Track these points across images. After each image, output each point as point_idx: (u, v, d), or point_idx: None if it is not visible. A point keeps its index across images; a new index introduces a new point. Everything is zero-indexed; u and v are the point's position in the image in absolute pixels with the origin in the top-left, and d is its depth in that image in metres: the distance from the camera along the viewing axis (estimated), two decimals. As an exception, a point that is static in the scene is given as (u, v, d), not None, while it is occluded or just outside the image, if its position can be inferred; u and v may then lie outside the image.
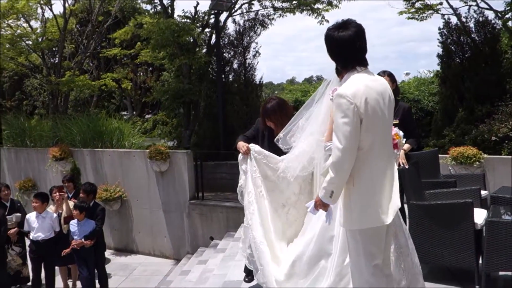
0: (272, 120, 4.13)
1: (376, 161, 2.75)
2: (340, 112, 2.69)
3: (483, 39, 10.69)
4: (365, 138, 2.70)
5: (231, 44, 12.48)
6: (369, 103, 2.68)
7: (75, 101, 19.71)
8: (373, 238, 2.82)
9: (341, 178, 2.72)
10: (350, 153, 2.67)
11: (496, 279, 4.30)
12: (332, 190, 2.74)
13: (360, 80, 2.75)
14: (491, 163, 7.32)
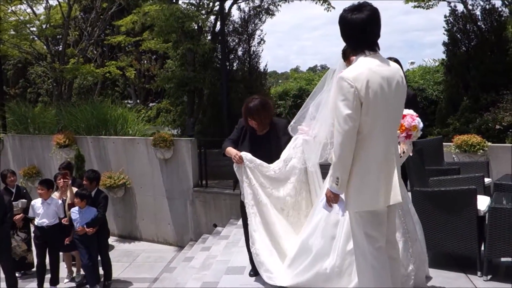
0: (256, 119, 4.07)
1: (374, 146, 2.75)
2: (340, 95, 2.71)
3: (489, 27, 10.59)
4: (365, 122, 2.70)
5: (236, 32, 12.41)
6: (371, 87, 2.67)
7: (79, 88, 19.72)
8: (372, 221, 2.84)
9: (343, 162, 2.73)
10: (351, 136, 2.68)
11: (498, 265, 4.31)
12: (337, 176, 2.76)
13: (365, 64, 2.75)
14: (494, 151, 7.30)
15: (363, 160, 2.75)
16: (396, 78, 2.80)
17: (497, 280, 3.96)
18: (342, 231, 3.48)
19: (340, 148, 2.71)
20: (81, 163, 9.48)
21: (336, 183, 2.77)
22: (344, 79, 2.69)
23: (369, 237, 2.84)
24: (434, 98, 12.21)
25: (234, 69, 12.37)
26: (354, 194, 2.79)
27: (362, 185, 2.77)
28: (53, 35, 14.12)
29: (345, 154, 2.71)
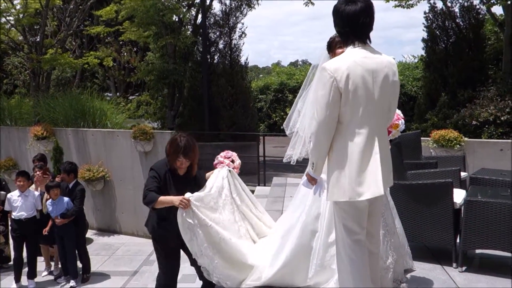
0: (190, 157, 3.78)
1: (353, 136, 2.74)
2: (320, 84, 2.78)
3: (467, 24, 10.77)
4: (344, 112, 2.72)
5: (217, 24, 12.36)
6: (351, 79, 2.68)
7: (57, 80, 19.39)
8: (351, 213, 2.84)
9: (318, 149, 2.82)
10: (326, 125, 2.73)
11: (473, 257, 4.42)
12: (313, 162, 2.87)
13: (350, 56, 2.75)
14: (471, 146, 7.45)
15: (342, 150, 2.77)
16: (384, 71, 2.77)
17: (471, 271, 4.06)
18: (324, 223, 3.48)
19: (316, 135, 2.79)
20: (59, 155, 9.33)
21: (312, 167, 2.89)
22: (324, 69, 2.73)
23: (348, 229, 2.86)
24: (413, 94, 12.41)
25: (215, 62, 12.32)
26: (333, 183, 2.81)
27: (340, 175, 2.77)
28: (31, 24, 13.81)
29: (320, 142, 2.78)
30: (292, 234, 3.60)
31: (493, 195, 4.07)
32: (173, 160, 3.76)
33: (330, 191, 2.83)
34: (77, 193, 6.78)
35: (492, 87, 10.01)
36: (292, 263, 3.54)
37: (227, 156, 4.18)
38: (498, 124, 8.97)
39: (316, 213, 3.53)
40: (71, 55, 15.23)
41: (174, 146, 3.75)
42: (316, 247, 3.49)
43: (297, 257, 3.54)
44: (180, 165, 3.79)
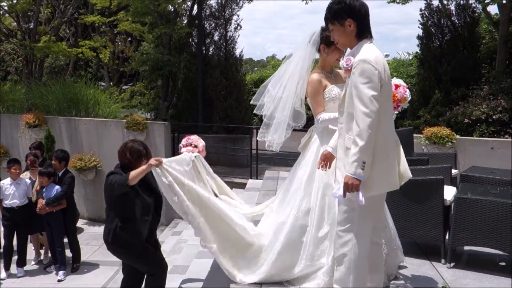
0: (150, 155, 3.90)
1: (390, 128, 2.88)
2: (363, 77, 2.70)
3: (462, 23, 10.82)
4: (382, 104, 2.74)
5: (213, 16, 12.29)
6: (386, 71, 2.78)
7: (50, 68, 19.23)
8: (381, 205, 3.00)
9: (370, 144, 2.69)
10: (376, 118, 2.69)
11: (461, 253, 4.47)
12: (364, 161, 2.68)
13: (376, 49, 2.83)
14: (463, 144, 7.50)
15: (382, 142, 2.78)
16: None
17: (459, 268, 4.10)
18: (314, 217, 3.47)
19: (369, 130, 2.66)
20: (51, 144, 9.28)
21: (362, 168, 2.68)
22: (367, 62, 2.71)
23: (373, 224, 2.94)
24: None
25: (210, 54, 12.27)
26: (378, 176, 2.78)
27: (382, 168, 2.79)
28: (24, 11, 13.65)
29: (373, 136, 2.69)
30: (283, 229, 3.57)
31: (483, 193, 4.10)
32: (137, 165, 3.81)
33: (376, 185, 2.78)
34: (67, 179, 6.76)
35: (485, 86, 10.07)
36: (283, 258, 3.51)
37: (187, 143, 4.04)
38: (490, 123, 9.03)
39: (306, 208, 3.51)
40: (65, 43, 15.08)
41: (135, 152, 3.84)
42: (306, 242, 3.49)
43: (288, 252, 3.51)
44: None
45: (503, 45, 10.45)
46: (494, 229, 3.86)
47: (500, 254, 4.19)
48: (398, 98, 3.57)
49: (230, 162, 10.38)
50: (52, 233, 6.69)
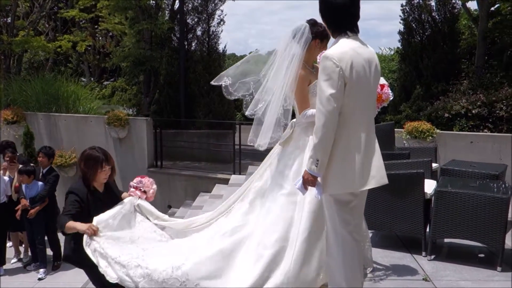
0: (111, 163, 3.68)
1: (355, 128, 2.73)
2: (324, 74, 2.65)
3: (443, 18, 10.94)
4: (347, 103, 2.68)
5: (195, 10, 12.18)
6: (354, 68, 2.65)
7: (29, 63, 18.88)
8: (350, 203, 2.84)
9: (324, 144, 2.67)
10: (333, 117, 2.63)
11: (442, 245, 4.53)
12: (317, 158, 2.69)
13: (348, 45, 2.73)
14: (443, 138, 7.61)
15: (344, 142, 2.72)
16: (374, 62, 2.81)
17: (439, 260, 4.16)
18: (301, 214, 3.40)
19: (323, 129, 2.64)
20: (30, 140, 9.10)
21: (315, 165, 2.70)
22: (329, 58, 2.64)
23: (345, 221, 2.85)
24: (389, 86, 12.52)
25: (193, 49, 12.18)
26: (334, 176, 2.75)
27: (343, 167, 2.73)
28: (1, 5, 13.37)
29: (327, 136, 2.65)
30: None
31: (462, 186, 4.16)
32: (96, 173, 3.58)
33: (332, 184, 2.77)
34: (51, 178, 6.66)
35: (465, 81, 10.21)
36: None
37: (138, 186, 3.81)
38: (470, 117, 9.15)
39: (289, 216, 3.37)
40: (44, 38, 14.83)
41: (93, 159, 3.59)
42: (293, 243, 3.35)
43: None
44: (105, 176, 3.65)
45: (482, 40, 10.59)
46: (473, 222, 3.93)
47: (479, 246, 4.27)
48: (383, 99, 3.58)
49: (213, 158, 10.35)
50: (32, 231, 6.58)
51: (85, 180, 3.62)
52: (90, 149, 3.68)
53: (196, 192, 8.59)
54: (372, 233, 4.76)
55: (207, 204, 7.35)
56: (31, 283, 6.45)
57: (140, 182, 3.83)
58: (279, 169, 3.51)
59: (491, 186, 4.16)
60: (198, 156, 10.48)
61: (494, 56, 11.51)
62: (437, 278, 3.81)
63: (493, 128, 9.02)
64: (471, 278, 3.80)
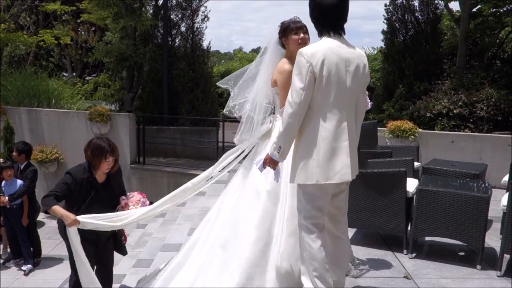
0: (116, 154, 3.81)
1: (323, 121, 2.82)
2: (296, 68, 2.81)
3: (426, 19, 11.06)
4: (315, 97, 2.79)
5: (179, 6, 12.09)
6: (326, 65, 2.75)
7: (9, 57, 18.54)
8: (315, 195, 2.89)
9: (288, 133, 2.83)
10: (300, 109, 2.77)
11: (423, 244, 4.58)
12: (280, 145, 2.86)
13: (325, 43, 2.84)
14: (425, 137, 7.69)
15: (311, 134, 2.83)
16: (356, 62, 2.87)
17: (420, 258, 4.20)
18: (284, 211, 3.41)
19: (288, 119, 2.79)
20: (10, 135, 8.95)
21: (277, 151, 2.87)
22: (301, 54, 2.79)
23: (309, 213, 2.92)
24: (372, 85, 12.62)
25: (176, 45, 12.09)
26: (299, 167, 2.86)
27: (309, 159, 2.83)
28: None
29: (292, 125, 2.80)
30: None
31: (443, 185, 4.20)
32: (100, 163, 3.72)
33: (297, 174, 2.88)
34: (29, 173, 6.56)
35: (447, 81, 10.34)
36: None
37: (130, 203, 3.89)
38: (451, 117, 9.28)
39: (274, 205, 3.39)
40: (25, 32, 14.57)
41: (99, 149, 3.72)
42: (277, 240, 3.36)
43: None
44: (108, 166, 3.78)
45: (464, 41, 10.74)
46: (454, 220, 3.97)
47: (460, 245, 4.32)
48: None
49: (196, 155, 10.31)
50: (12, 228, 6.48)
51: (89, 167, 3.76)
52: (97, 139, 3.85)
53: (179, 189, 8.54)
54: (354, 231, 4.80)
55: (190, 201, 7.30)
56: (10, 279, 6.36)
57: (129, 194, 3.97)
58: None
59: (472, 185, 4.21)
60: (181, 152, 10.42)
61: (475, 57, 11.69)
62: (418, 276, 3.84)
63: (474, 128, 9.16)
64: (452, 276, 3.85)
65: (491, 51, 11.59)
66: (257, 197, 3.43)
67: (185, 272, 3.47)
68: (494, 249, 4.33)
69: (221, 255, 3.36)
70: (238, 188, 3.64)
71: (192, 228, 5.22)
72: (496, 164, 6.95)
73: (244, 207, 3.47)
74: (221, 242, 3.42)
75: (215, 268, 3.33)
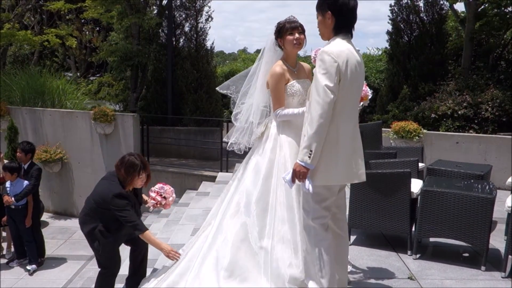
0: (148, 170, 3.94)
1: (345, 123, 2.84)
2: (322, 68, 2.76)
3: (431, 19, 11.02)
4: (339, 98, 2.77)
5: (183, 6, 12.09)
6: (349, 66, 2.77)
7: (14, 56, 18.60)
8: (325, 196, 2.92)
9: (320, 134, 2.74)
10: (329, 107, 2.72)
11: (427, 245, 4.56)
12: (311, 149, 2.74)
13: (344, 44, 2.85)
14: (429, 138, 7.67)
15: (332, 135, 2.80)
16: (362, 65, 2.95)
17: (424, 259, 4.19)
18: (274, 213, 3.38)
19: (320, 119, 2.71)
20: (14, 135, 8.96)
21: (308, 156, 2.75)
22: (328, 53, 2.75)
23: (318, 215, 2.92)
24: (376, 86, 12.58)
25: (180, 45, 12.09)
26: (320, 168, 2.82)
27: (329, 160, 2.81)
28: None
29: (323, 126, 2.73)
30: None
31: (448, 186, 4.19)
32: (133, 179, 3.81)
33: (318, 175, 2.82)
34: (33, 172, 6.58)
35: (451, 82, 10.30)
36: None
37: (159, 191, 4.14)
38: (455, 118, 9.24)
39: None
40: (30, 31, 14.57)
41: (132, 166, 3.79)
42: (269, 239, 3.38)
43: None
44: (141, 182, 3.90)
45: (469, 42, 10.69)
46: (458, 221, 3.96)
47: (464, 246, 4.30)
48: (362, 97, 3.60)
49: (200, 155, 10.31)
50: (17, 228, 6.49)
51: (121, 183, 3.82)
52: (129, 155, 3.89)
53: (183, 189, 8.54)
54: (358, 232, 4.78)
55: (193, 201, 7.32)
56: (13, 279, 6.37)
57: (161, 188, 4.14)
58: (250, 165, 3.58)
59: (476, 186, 4.20)
60: (185, 153, 10.42)
61: (480, 58, 11.63)
62: (422, 277, 3.83)
63: (479, 129, 9.12)
64: (456, 277, 3.83)
65: (496, 52, 11.54)
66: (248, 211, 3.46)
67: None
68: (498, 250, 4.31)
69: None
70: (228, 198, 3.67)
71: (195, 228, 5.21)
72: (501, 165, 6.92)
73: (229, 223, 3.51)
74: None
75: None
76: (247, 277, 3.29)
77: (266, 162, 3.41)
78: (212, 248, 3.48)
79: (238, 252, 3.36)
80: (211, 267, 3.39)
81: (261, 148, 3.50)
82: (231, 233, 3.43)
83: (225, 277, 3.30)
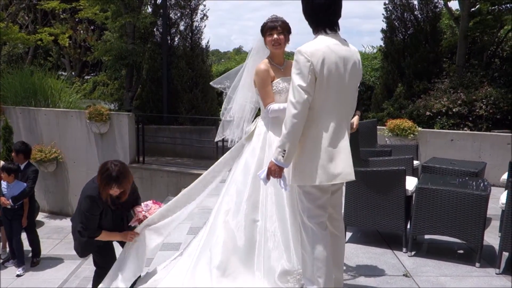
0: (123, 186, 3.69)
1: (325, 122, 2.78)
2: (296, 68, 2.74)
3: (425, 17, 11.03)
4: (316, 98, 2.74)
5: (178, 5, 12.07)
6: (326, 64, 2.71)
7: (8, 56, 18.51)
8: (317, 196, 2.86)
9: (293, 134, 2.71)
10: (303, 108, 2.69)
11: (422, 242, 4.59)
12: (285, 149, 2.73)
13: (323, 41, 2.79)
14: (424, 136, 7.70)
15: (312, 135, 2.77)
16: (353, 59, 2.85)
17: (419, 256, 4.21)
18: (264, 211, 3.42)
19: (293, 119, 2.69)
20: (8, 134, 8.95)
21: (282, 155, 2.74)
22: (301, 53, 2.72)
23: (312, 213, 2.89)
24: (371, 84, 12.59)
25: (175, 44, 12.07)
26: (301, 168, 2.80)
27: (312, 160, 2.78)
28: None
29: (296, 126, 2.70)
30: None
31: (442, 183, 4.21)
32: (106, 189, 3.64)
33: (299, 175, 2.82)
34: (30, 174, 6.55)
35: (446, 80, 10.33)
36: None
37: (143, 210, 3.99)
38: (450, 116, 9.27)
39: (255, 200, 3.47)
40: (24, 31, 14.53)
41: (106, 175, 3.60)
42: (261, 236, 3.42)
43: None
44: (114, 193, 3.72)
45: (463, 40, 10.73)
46: (453, 218, 3.98)
47: (458, 243, 4.32)
48: None
49: (195, 154, 10.30)
50: (11, 228, 6.47)
51: (99, 191, 3.69)
52: (111, 164, 3.67)
53: (178, 188, 8.52)
54: (354, 230, 4.80)
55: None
56: (9, 279, 6.35)
57: (146, 205, 4.02)
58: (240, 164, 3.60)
59: (471, 183, 4.22)
60: (180, 152, 10.41)
61: (474, 56, 11.67)
62: (417, 274, 3.85)
63: (473, 126, 9.15)
64: (451, 273, 3.86)
65: (490, 50, 11.58)
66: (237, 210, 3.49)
67: None
68: (493, 247, 4.34)
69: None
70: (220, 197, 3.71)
71: (191, 227, 5.21)
72: (495, 162, 6.96)
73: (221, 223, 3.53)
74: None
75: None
76: (239, 275, 3.31)
77: (255, 161, 3.45)
78: (206, 247, 3.49)
79: (229, 251, 3.38)
80: (205, 267, 3.40)
81: (251, 147, 3.54)
82: (222, 232, 3.45)
83: (217, 276, 3.31)
